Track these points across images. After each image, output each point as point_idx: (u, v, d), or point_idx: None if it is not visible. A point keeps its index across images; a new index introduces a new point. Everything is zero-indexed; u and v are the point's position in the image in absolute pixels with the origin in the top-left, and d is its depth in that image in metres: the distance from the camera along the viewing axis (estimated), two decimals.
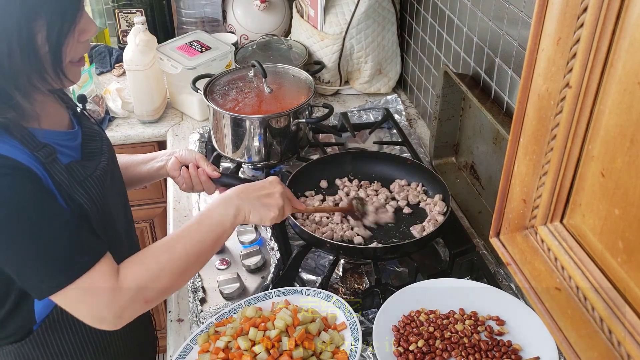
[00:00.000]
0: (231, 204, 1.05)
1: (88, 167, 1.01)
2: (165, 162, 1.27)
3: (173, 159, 1.27)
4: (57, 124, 1.02)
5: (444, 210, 1.33)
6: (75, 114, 1.08)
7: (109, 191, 1.04)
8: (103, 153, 1.07)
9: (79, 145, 1.04)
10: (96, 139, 1.08)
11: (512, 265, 0.69)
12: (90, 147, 1.05)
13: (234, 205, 1.04)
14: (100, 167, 1.03)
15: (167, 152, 1.29)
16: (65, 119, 1.05)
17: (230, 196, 1.06)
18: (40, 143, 0.92)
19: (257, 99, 1.54)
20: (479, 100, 1.32)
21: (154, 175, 1.29)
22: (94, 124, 1.12)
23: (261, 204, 1.07)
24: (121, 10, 2.11)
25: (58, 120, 1.03)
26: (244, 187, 1.09)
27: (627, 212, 0.51)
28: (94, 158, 1.04)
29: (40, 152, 0.91)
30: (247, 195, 1.07)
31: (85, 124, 1.08)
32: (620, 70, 0.50)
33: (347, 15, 1.78)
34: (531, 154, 0.64)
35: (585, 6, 0.52)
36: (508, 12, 1.22)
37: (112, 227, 1.06)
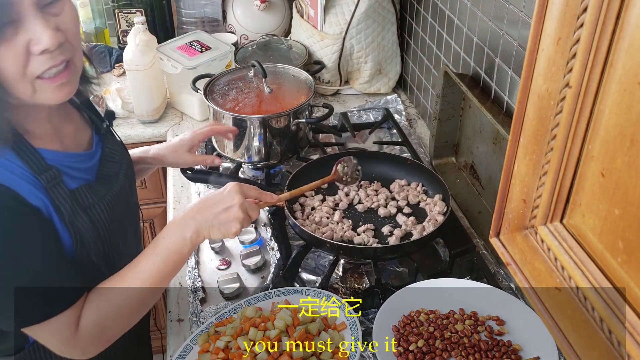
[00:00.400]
0: (187, 227, 0.99)
1: (99, 191, 0.99)
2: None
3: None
4: (73, 145, 1.00)
5: (444, 210, 1.33)
6: (99, 131, 1.06)
7: (118, 216, 1.02)
8: (120, 177, 1.05)
9: (94, 167, 1.01)
10: (115, 160, 1.06)
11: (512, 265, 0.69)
12: (107, 170, 1.03)
13: (191, 229, 0.98)
14: (113, 192, 1.01)
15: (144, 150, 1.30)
16: (84, 138, 1.03)
17: (185, 219, 1.00)
18: (46, 166, 0.90)
19: (257, 99, 1.54)
20: (479, 100, 1.32)
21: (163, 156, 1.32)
22: (117, 143, 1.09)
23: (219, 221, 1.00)
24: (121, 10, 2.11)
25: (75, 141, 1.01)
26: (200, 205, 1.02)
27: (627, 212, 0.51)
28: (108, 181, 1.02)
29: (43, 176, 0.89)
30: (203, 215, 1.00)
31: (108, 144, 1.06)
32: (620, 70, 0.50)
33: (347, 15, 1.78)
34: (531, 154, 0.64)
35: (585, 6, 0.52)
36: (508, 12, 1.22)
37: (116, 250, 1.04)
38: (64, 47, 0.87)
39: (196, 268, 1.30)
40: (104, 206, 0.98)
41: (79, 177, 0.97)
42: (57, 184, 0.91)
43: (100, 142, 1.05)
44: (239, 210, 1.01)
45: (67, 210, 0.92)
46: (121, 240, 1.05)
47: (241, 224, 1.02)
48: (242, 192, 1.03)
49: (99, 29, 2.20)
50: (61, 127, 0.98)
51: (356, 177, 1.32)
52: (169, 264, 0.97)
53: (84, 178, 0.98)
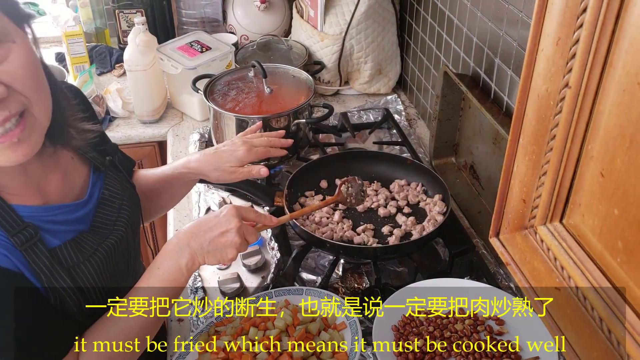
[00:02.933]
0: (182, 255, 0.93)
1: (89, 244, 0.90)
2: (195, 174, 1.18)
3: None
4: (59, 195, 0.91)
5: (443, 210, 1.33)
6: (98, 170, 0.97)
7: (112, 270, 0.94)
8: (116, 228, 0.96)
9: (89, 214, 0.93)
10: (115, 204, 0.97)
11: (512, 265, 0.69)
12: (103, 216, 0.95)
13: (186, 256, 0.93)
14: (106, 245, 0.93)
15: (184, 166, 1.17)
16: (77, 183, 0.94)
17: (180, 246, 0.94)
18: (21, 224, 0.81)
19: (257, 99, 1.54)
20: (479, 101, 1.32)
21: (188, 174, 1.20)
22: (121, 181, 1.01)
23: (215, 247, 0.95)
24: (121, 10, 2.11)
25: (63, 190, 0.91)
26: (195, 230, 0.96)
27: (626, 212, 0.51)
28: (102, 231, 0.94)
29: (17, 237, 0.80)
30: (198, 240, 0.94)
31: (109, 184, 0.98)
32: (619, 71, 0.50)
33: (347, 15, 1.78)
34: (531, 154, 0.64)
35: (585, 7, 0.52)
36: (508, 12, 1.23)
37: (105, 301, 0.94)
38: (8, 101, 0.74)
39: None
40: (94, 263, 0.90)
41: (67, 229, 0.89)
42: (34, 244, 0.82)
43: (100, 181, 0.96)
44: (235, 235, 0.96)
45: (45, 272, 0.83)
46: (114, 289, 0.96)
47: (237, 249, 0.97)
48: (239, 216, 0.98)
49: (100, 29, 2.20)
50: (42, 177, 0.88)
51: (361, 198, 1.27)
52: (166, 295, 0.92)
53: (73, 230, 0.89)
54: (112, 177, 1.00)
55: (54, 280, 0.84)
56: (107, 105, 1.85)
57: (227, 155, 1.17)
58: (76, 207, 0.91)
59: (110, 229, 0.95)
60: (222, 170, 1.16)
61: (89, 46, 2.09)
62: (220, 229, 0.95)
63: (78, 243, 0.89)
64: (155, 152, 1.87)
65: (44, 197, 0.88)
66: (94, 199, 0.94)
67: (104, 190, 0.96)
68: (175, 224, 1.47)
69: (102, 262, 0.91)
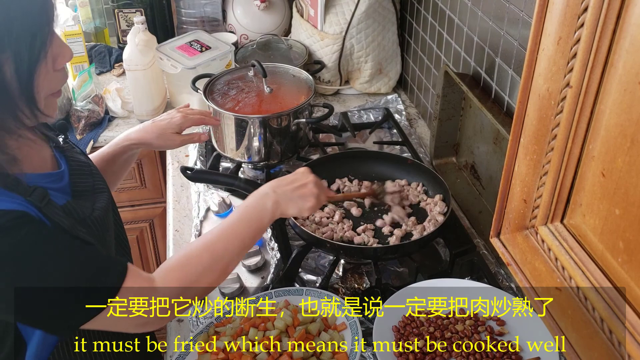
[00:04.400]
0: (268, 198, 1.03)
1: (84, 207, 0.94)
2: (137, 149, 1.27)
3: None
4: (40, 165, 0.94)
5: (444, 210, 1.33)
6: (58, 146, 1.00)
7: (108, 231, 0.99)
8: (97, 191, 1.00)
9: (67, 186, 0.95)
10: (85, 173, 1.01)
11: (513, 266, 0.69)
12: (81, 185, 0.98)
13: (271, 200, 1.03)
14: (98, 207, 0.96)
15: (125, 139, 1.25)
16: (47, 157, 0.97)
17: (266, 191, 1.04)
18: (29, 187, 0.84)
19: (257, 99, 1.54)
20: (480, 100, 1.32)
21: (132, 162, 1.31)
22: (79, 154, 1.04)
23: (297, 195, 1.05)
24: (121, 10, 2.11)
25: (41, 162, 0.95)
26: (277, 182, 1.07)
27: (627, 212, 0.51)
28: (87, 197, 0.97)
29: (32, 197, 0.83)
30: (282, 189, 1.05)
31: (71, 157, 1.01)
32: (620, 70, 0.50)
33: (347, 15, 1.78)
34: (532, 154, 0.64)
35: (586, 6, 0.52)
36: (508, 11, 1.22)
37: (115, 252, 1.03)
38: None
39: None
40: (95, 220, 0.93)
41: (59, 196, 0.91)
42: (48, 202, 0.85)
43: (64, 157, 0.99)
44: (314, 187, 1.07)
45: (66, 225, 0.86)
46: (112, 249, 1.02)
47: (317, 199, 1.07)
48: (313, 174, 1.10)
49: (99, 29, 2.20)
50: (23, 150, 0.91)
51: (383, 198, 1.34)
52: (251, 231, 1.00)
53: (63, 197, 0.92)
54: (70, 151, 1.03)
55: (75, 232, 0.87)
56: (106, 105, 1.85)
57: (165, 124, 1.28)
58: (58, 176, 0.95)
59: (92, 192, 0.99)
60: (164, 137, 1.27)
61: (88, 45, 2.09)
62: (300, 182, 1.08)
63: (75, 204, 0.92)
64: (154, 151, 1.87)
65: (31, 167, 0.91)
66: (66, 171, 0.97)
67: (69, 163, 0.99)
68: (174, 224, 1.47)
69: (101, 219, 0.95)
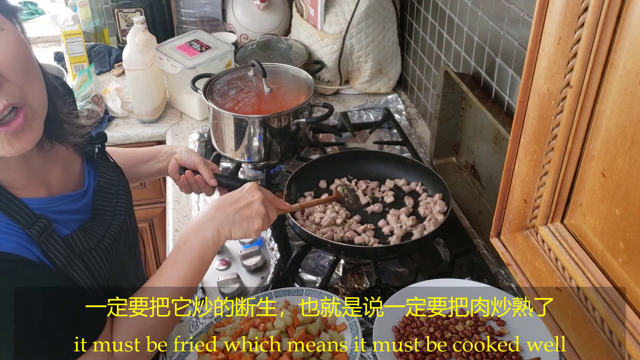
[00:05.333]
0: (208, 228, 0.95)
1: (96, 231, 0.92)
2: (165, 164, 1.25)
3: (173, 161, 1.24)
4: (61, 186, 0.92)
5: (444, 210, 1.32)
6: (90, 158, 0.99)
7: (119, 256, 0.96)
8: (117, 213, 0.98)
9: (88, 204, 0.94)
10: (112, 191, 0.99)
11: (513, 266, 0.69)
12: (103, 203, 0.96)
13: (212, 229, 0.95)
14: (112, 231, 0.94)
15: (167, 152, 1.26)
16: (74, 173, 0.95)
17: (205, 218, 0.96)
18: (34, 216, 0.82)
19: (257, 99, 1.53)
20: (480, 100, 1.32)
21: (154, 175, 1.28)
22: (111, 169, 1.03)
23: (241, 217, 0.97)
24: (120, 9, 2.11)
25: (63, 181, 0.93)
26: (219, 203, 0.99)
27: (628, 212, 0.51)
28: (105, 218, 0.95)
29: (33, 229, 0.81)
30: (224, 212, 0.97)
31: (102, 171, 0.99)
32: (621, 70, 0.50)
33: (347, 14, 1.78)
34: (532, 154, 0.64)
35: (586, 6, 0.52)
36: (509, 11, 1.22)
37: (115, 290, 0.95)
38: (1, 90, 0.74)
39: None
40: (103, 249, 0.91)
41: (72, 219, 0.89)
42: (49, 235, 0.83)
43: (93, 169, 0.98)
44: (260, 206, 0.99)
45: (62, 261, 0.84)
46: (121, 277, 0.98)
47: (263, 220, 0.99)
48: (262, 190, 1.02)
49: (98, 29, 2.20)
50: (44, 169, 0.89)
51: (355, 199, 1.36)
52: (193, 269, 0.94)
53: (77, 219, 0.90)
54: (103, 165, 1.01)
55: (71, 269, 0.85)
56: (106, 105, 1.85)
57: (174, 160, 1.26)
58: (78, 197, 0.93)
59: (111, 215, 0.97)
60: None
61: (88, 45, 2.09)
62: (245, 201, 0.98)
63: (85, 231, 0.90)
64: None
65: (47, 189, 0.89)
66: (91, 188, 0.96)
67: (99, 178, 0.98)
68: (174, 224, 1.47)
69: (110, 247, 0.93)
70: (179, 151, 1.25)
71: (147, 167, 1.26)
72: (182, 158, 1.24)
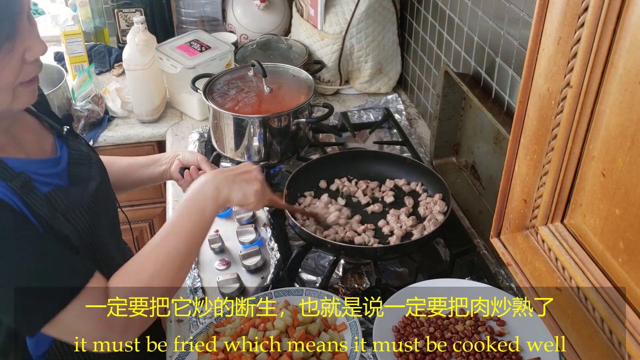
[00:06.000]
0: (208, 186, 1.00)
1: (74, 194, 0.96)
2: (168, 166, 1.28)
3: (176, 162, 1.27)
4: (36, 151, 0.97)
5: (444, 210, 1.32)
6: (61, 135, 1.04)
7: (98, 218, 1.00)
8: (92, 178, 1.03)
9: (64, 171, 0.99)
10: (84, 162, 1.04)
11: (513, 266, 0.69)
12: (78, 172, 1.01)
13: (212, 187, 1.00)
14: (88, 194, 0.99)
15: (169, 155, 1.29)
16: (47, 144, 1.01)
17: (206, 180, 1.02)
18: (14, 173, 0.87)
19: (257, 99, 1.53)
20: (480, 100, 1.32)
21: (156, 179, 1.30)
22: (82, 145, 1.07)
23: (240, 179, 1.03)
24: (120, 9, 2.11)
25: (37, 148, 0.98)
26: (219, 170, 1.06)
27: (628, 212, 0.51)
28: (82, 183, 1.00)
29: (14, 182, 0.86)
30: (223, 174, 1.03)
31: (73, 146, 1.04)
32: (621, 70, 0.50)
33: (347, 14, 1.78)
34: (532, 154, 0.64)
35: (586, 6, 0.52)
36: (509, 11, 1.22)
37: (102, 249, 1.01)
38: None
39: (196, 268, 1.30)
40: (83, 209, 0.95)
41: (50, 182, 0.94)
42: (30, 189, 0.88)
43: (65, 146, 1.03)
44: (258, 174, 1.06)
45: (46, 214, 0.88)
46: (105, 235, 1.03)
47: (261, 184, 1.05)
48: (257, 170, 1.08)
49: (98, 29, 2.20)
50: (21, 136, 0.96)
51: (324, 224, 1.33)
52: (195, 225, 0.98)
53: (55, 183, 0.95)
54: (73, 141, 1.06)
55: (55, 223, 0.89)
56: (106, 105, 1.85)
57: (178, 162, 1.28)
58: (53, 162, 0.98)
59: (87, 180, 1.02)
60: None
61: (88, 45, 2.09)
62: (243, 169, 1.06)
63: (64, 192, 0.94)
64: (154, 151, 1.86)
65: (24, 153, 0.95)
66: (65, 157, 1.01)
67: (70, 151, 1.03)
68: None
69: (90, 207, 0.97)
70: (182, 152, 1.29)
71: (149, 170, 1.28)
72: (185, 158, 1.27)
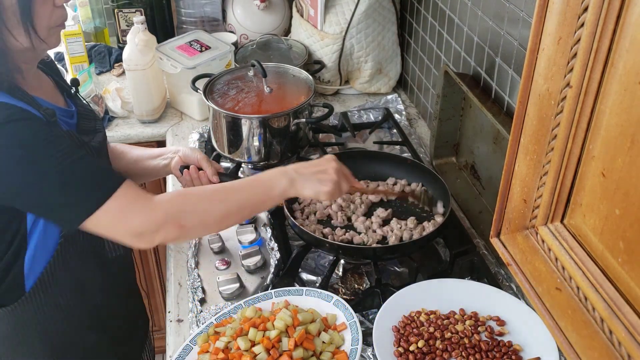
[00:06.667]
0: (286, 174, 1.06)
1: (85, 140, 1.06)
2: (169, 161, 1.30)
3: (177, 158, 1.29)
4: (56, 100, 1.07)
5: (444, 210, 1.32)
6: (70, 95, 1.14)
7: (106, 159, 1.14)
8: (99, 131, 1.14)
9: (74, 124, 1.09)
10: (90, 118, 1.14)
11: (513, 266, 0.69)
12: (85, 125, 1.11)
13: (289, 176, 1.06)
14: (95, 141, 1.09)
15: (172, 150, 1.32)
16: (60, 100, 1.10)
17: (286, 168, 1.08)
18: (42, 106, 0.97)
19: (257, 99, 1.53)
20: (480, 100, 1.32)
21: (160, 172, 1.34)
22: (87, 105, 1.18)
23: (316, 178, 1.07)
24: (121, 9, 2.11)
25: (55, 98, 1.08)
26: (298, 163, 1.11)
27: (627, 212, 0.51)
28: (89, 134, 1.10)
29: (44, 112, 0.96)
30: (302, 170, 1.08)
31: (80, 104, 1.15)
32: (620, 70, 0.50)
33: (347, 14, 1.78)
34: (532, 154, 0.64)
35: (586, 6, 0.52)
36: (508, 11, 1.22)
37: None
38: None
39: (196, 268, 1.30)
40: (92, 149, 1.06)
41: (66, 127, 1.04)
42: (55, 123, 0.98)
43: (73, 103, 1.13)
44: (334, 173, 1.09)
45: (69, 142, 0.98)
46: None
47: (335, 185, 1.08)
48: (337, 162, 1.11)
49: (99, 29, 2.20)
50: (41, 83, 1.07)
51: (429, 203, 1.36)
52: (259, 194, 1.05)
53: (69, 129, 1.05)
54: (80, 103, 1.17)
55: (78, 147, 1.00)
56: (106, 105, 1.85)
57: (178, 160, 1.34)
58: (69, 113, 1.09)
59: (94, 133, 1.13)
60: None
61: (88, 45, 2.09)
62: (320, 167, 1.10)
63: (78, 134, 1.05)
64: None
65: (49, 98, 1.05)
66: (76, 114, 1.11)
67: (78, 108, 1.13)
68: None
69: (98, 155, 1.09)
70: (183, 149, 1.31)
71: (155, 163, 1.32)
72: (185, 154, 1.30)
